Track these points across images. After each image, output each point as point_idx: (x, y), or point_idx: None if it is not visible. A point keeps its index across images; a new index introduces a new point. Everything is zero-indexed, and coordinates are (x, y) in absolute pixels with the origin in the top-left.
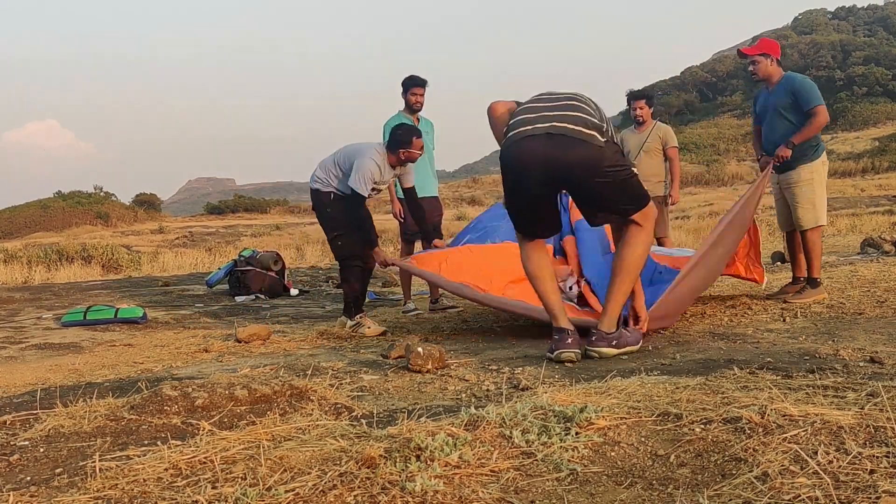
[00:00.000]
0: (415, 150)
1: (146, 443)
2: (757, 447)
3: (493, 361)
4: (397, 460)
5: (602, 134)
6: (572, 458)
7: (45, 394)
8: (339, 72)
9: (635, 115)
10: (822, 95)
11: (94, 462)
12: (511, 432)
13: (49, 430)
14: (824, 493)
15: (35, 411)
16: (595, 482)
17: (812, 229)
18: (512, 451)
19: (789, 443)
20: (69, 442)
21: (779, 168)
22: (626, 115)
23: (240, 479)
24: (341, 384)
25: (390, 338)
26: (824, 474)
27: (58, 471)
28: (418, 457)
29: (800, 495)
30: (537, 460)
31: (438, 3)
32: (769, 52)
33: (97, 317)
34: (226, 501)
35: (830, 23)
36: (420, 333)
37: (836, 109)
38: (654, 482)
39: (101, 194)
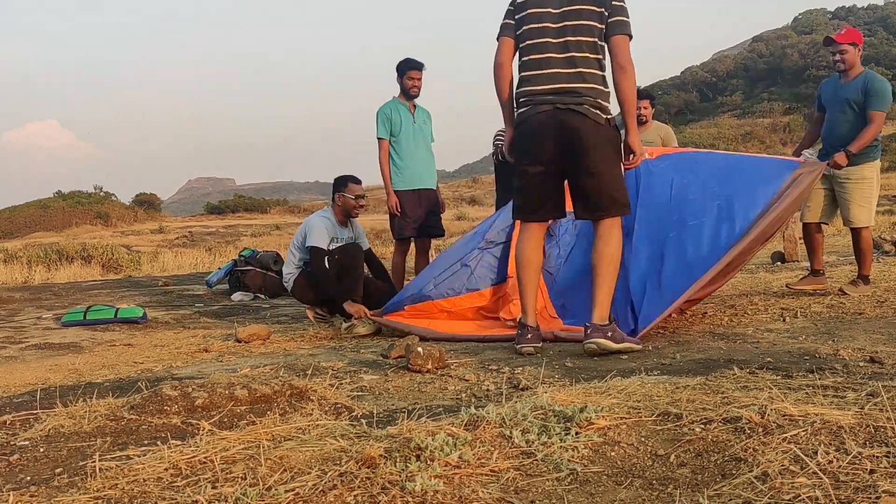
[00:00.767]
0: (348, 196)
1: (146, 443)
2: (757, 447)
3: (493, 361)
4: (397, 460)
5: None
6: (572, 457)
7: (45, 394)
8: (340, 71)
9: (639, 114)
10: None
11: (94, 462)
12: (511, 432)
13: (49, 430)
14: (824, 493)
15: (35, 411)
16: (595, 482)
17: (865, 228)
18: (512, 451)
19: (789, 443)
20: (69, 442)
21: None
22: None
23: (240, 479)
24: (341, 384)
25: (390, 338)
26: (824, 474)
27: (58, 471)
28: (418, 457)
29: (800, 495)
30: (537, 460)
31: (438, 4)
32: (857, 42)
33: (97, 317)
34: (226, 501)
35: (830, 23)
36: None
37: None
38: (654, 482)
39: (101, 194)
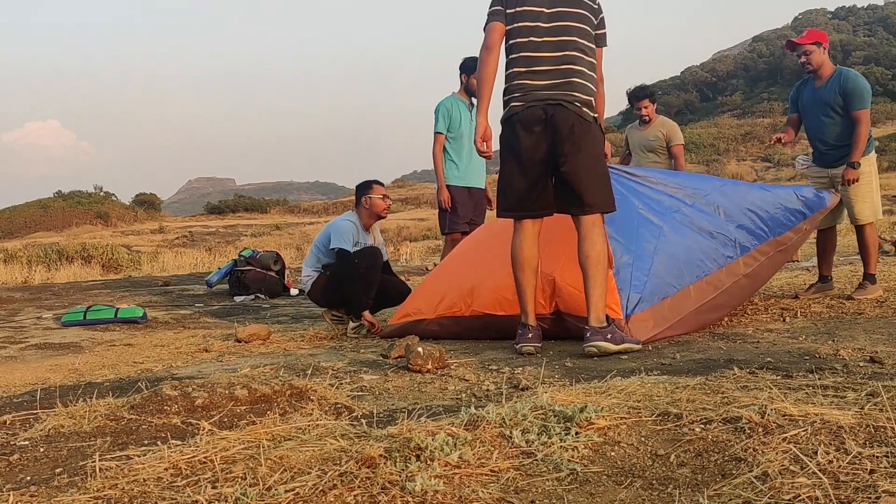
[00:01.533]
0: (375, 196)
1: (146, 443)
2: (757, 447)
3: (493, 361)
4: (397, 460)
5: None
6: (572, 457)
7: (45, 394)
8: (340, 72)
9: (641, 114)
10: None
11: (94, 462)
12: (511, 432)
13: (49, 429)
14: (824, 493)
15: (35, 411)
16: (595, 482)
17: (869, 224)
18: (512, 450)
19: (789, 443)
20: (69, 442)
21: (827, 162)
22: (627, 115)
23: (240, 479)
24: (341, 384)
25: (390, 338)
26: (824, 474)
27: (58, 471)
28: (418, 457)
29: (800, 495)
30: (537, 460)
31: (437, 3)
32: (821, 41)
33: (97, 317)
34: (226, 501)
35: (830, 23)
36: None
37: None
38: (654, 482)
39: (101, 194)
